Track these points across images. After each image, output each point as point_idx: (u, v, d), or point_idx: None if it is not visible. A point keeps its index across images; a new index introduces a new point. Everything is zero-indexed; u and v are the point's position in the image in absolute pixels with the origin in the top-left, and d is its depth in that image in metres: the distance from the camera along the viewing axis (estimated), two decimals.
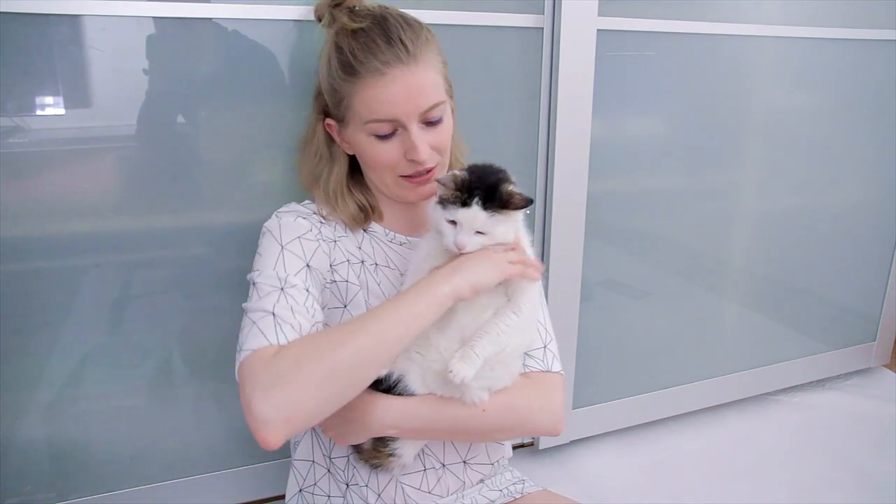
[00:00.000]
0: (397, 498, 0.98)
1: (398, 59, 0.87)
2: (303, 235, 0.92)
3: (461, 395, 0.89)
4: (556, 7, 1.30)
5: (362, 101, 0.89)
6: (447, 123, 0.95)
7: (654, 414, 1.75)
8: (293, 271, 0.87)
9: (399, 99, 0.88)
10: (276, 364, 0.75)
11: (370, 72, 0.87)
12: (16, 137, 1.04)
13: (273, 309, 0.82)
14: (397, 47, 0.88)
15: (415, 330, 0.80)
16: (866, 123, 1.81)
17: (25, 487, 1.20)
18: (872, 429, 1.81)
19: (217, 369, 1.27)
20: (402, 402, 0.88)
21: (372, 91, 0.88)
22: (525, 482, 1.08)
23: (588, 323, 1.57)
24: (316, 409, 0.76)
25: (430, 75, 0.90)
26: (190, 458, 1.30)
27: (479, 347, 0.85)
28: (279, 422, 0.72)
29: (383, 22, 0.90)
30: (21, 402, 1.16)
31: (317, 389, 0.74)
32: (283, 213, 0.97)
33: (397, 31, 0.89)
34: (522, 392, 0.93)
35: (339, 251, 0.97)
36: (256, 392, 0.73)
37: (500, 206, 0.83)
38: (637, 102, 1.52)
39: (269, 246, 0.91)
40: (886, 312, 2.02)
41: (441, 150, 0.94)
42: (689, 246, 1.70)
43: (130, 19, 1.05)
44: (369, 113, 0.89)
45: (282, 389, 0.73)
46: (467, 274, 0.83)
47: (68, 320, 1.15)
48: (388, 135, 0.91)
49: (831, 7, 1.64)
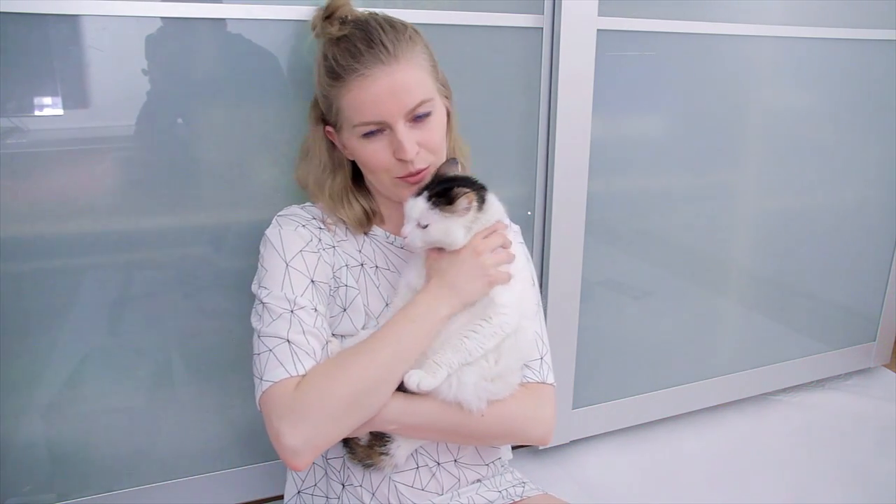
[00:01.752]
0: (391, 497, 0.98)
1: (378, 60, 0.89)
2: (304, 249, 0.95)
3: (460, 402, 0.90)
4: (556, 7, 1.30)
5: (348, 105, 0.91)
6: (437, 121, 0.95)
7: (654, 414, 1.75)
8: (300, 291, 0.91)
9: (382, 99, 0.89)
10: (298, 399, 0.83)
11: (352, 75, 0.89)
12: (15, 138, 1.04)
13: (287, 335, 0.88)
14: (377, 49, 0.89)
15: (419, 350, 0.89)
16: (866, 123, 1.80)
17: (25, 487, 1.20)
18: (872, 429, 1.81)
19: (217, 369, 1.27)
20: (405, 398, 0.90)
21: (356, 93, 0.90)
22: (526, 485, 1.08)
23: (588, 323, 1.57)
24: (339, 435, 0.86)
25: (414, 73, 0.91)
26: (190, 458, 1.30)
27: (442, 357, 0.89)
28: (308, 451, 0.83)
29: (365, 26, 0.92)
30: (21, 402, 1.16)
31: (338, 420, 0.84)
32: (283, 220, 0.98)
33: (378, 34, 0.90)
34: (519, 401, 0.95)
35: (339, 256, 0.99)
36: (283, 425, 0.82)
37: (445, 202, 0.88)
38: (637, 102, 1.52)
39: (273, 261, 0.93)
40: (886, 312, 2.02)
41: (432, 148, 0.95)
42: (689, 246, 1.70)
43: (130, 19, 1.05)
44: (356, 115, 0.91)
45: (307, 423, 0.82)
46: (460, 293, 0.90)
47: (68, 320, 1.15)
48: (377, 135, 0.92)
49: (831, 7, 1.63)
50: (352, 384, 0.84)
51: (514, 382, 0.94)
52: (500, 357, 0.91)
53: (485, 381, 0.90)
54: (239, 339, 1.26)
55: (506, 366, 0.92)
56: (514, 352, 0.93)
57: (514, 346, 0.93)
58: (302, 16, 1.12)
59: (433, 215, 0.89)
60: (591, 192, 1.46)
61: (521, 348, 0.95)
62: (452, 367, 0.89)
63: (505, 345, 0.91)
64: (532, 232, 1.45)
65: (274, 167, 1.20)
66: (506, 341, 0.91)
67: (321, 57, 0.95)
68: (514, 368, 0.94)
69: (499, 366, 0.91)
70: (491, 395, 0.91)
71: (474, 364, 0.90)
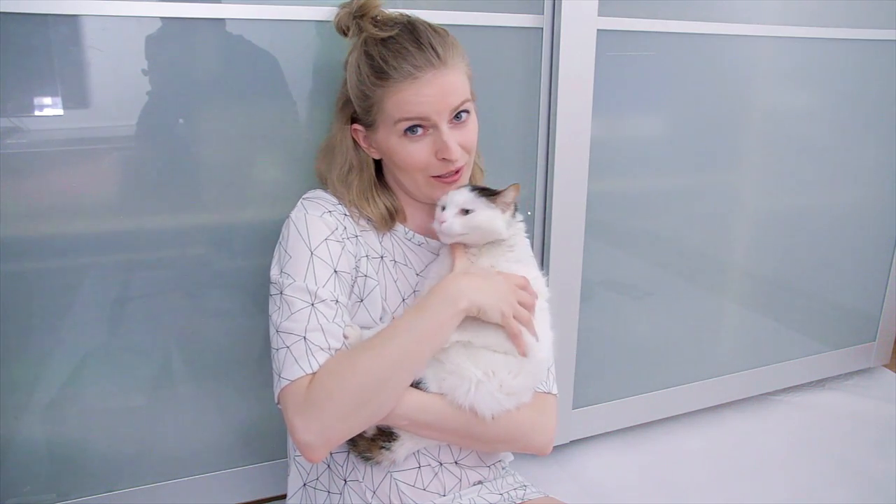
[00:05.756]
0: (392, 495, 0.98)
1: (430, 64, 0.92)
2: (329, 237, 0.95)
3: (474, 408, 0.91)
4: (556, 7, 1.30)
5: (395, 104, 0.93)
6: (473, 122, 0.99)
7: (654, 414, 1.75)
8: (322, 281, 0.91)
9: (431, 99, 0.92)
10: (310, 396, 0.85)
11: (403, 76, 0.91)
12: (15, 138, 1.04)
13: (305, 333, 0.88)
14: (428, 52, 0.92)
15: (433, 346, 0.89)
16: (866, 123, 1.80)
17: (25, 487, 1.20)
18: (872, 429, 1.81)
19: (217, 369, 1.27)
20: (419, 395, 0.91)
21: (405, 94, 0.92)
22: (527, 488, 1.08)
23: (588, 323, 1.57)
24: (351, 430, 0.88)
25: (459, 77, 0.95)
26: (190, 458, 1.30)
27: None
28: (321, 444, 0.85)
29: (413, 29, 0.95)
30: (21, 402, 1.16)
31: (348, 415, 0.85)
32: (309, 205, 0.98)
33: (427, 38, 0.93)
34: (525, 410, 0.96)
35: (361, 246, 1.00)
36: (297, 421, 0.85)
37: (491, 193, 0.94)
38: (637, 102, 1.52)
39: (297, 247, 0.93)
40: (886, 312, 2.02)
41: (469, 148, 0.98)
42: (689, 246, 1.70)
43: (130, 19, 1.05)
44: (401, 112, 0.93)
45: (318, 419, 0.84)
46: (481, 295, 0.90)
47: (68, 320, 1.15)
48: (418, 136, 0.94)
49: (831, 7, 1.63)
50: (361, 380, 0.85)
51: (525, 399, 0.96)
52: (519, 374, 0.93)
53: (500, 394, 0.92)
54: (239, 339, 1.26)
55: (523, 384, 0.94)
56: (533, 376, 0.96)
57: (534, 370, 0.96)
58: (302, 16, 1.12)
59: (479, 202, 0.93)
60: (591, 192, 1.46)
61: (539, 371, 0.98)
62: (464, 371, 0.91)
63: (527, 366, 0.94)
64: (532, 232, 1.45)
65: (274, 167, 1.20)
66: (528, 363, 0.94)
67: (363, 56, 0.95)
68: (530, 387, 0.97)
69: (516, 381, 0.93)
70: (503, 408, 0.93)
71: (495, 375, 0.92)
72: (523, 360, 0.93)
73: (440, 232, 0.94)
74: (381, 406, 0.87)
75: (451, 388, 0.91)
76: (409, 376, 0.89)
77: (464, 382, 0.90)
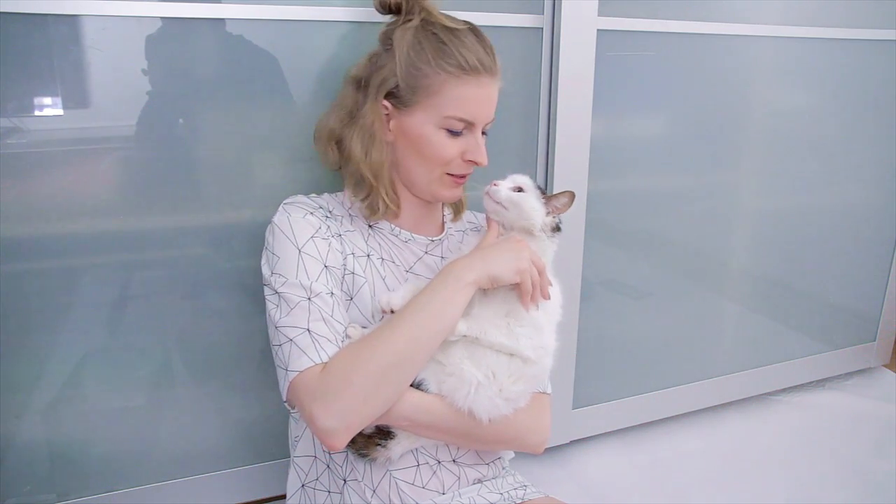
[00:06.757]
0: (392, 494, 0.98)
1: (492, 71, 0.95)
2: (314, 235, 0.95)
3: (472, 411, 0.92)
4: (556, 7, 1.30)
5: (452, 96, 0.94)
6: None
7: (654, 414, 1.75)
8: (314, 276, 0.91)
9: (483, 103, 0.96)
10: (326, 381, 0.84)
11: (469, 71, 0.93)
12: (15, 138, 1.04)
13: (307, 325, 0.88)
14: (493, 57, 0.96)
15: (446, 324, 0.88)
16: (866, 123, 1.80)
17: (25, 487, 1.20)
18: (872, 429, 1.81)
19: (217, 369, 1.27)
20: (420, 396, 0.92)
21: (465, 90, 0.93)
22: (527, 487, 1.08)
23: (588, 323, 1.57)
24: (371, 413, 0.86)
25: (497, 91, 0.98)
26: (190, 458, 1.30)
27: None
28: (342, 429, 0.84)
29: (477, 31, 0.97)
30: (21, 402, 1.16)
31: (367, 397, 0.84)
32: (290, 208, 0.98)
33: (491, 47, 0.97)
34: (521, 412, 0.97)
35: (346, 244, 0.99)
36: (315, 408, 0.83)
37: (542, 191, 0.98)
38: (637, 102, 1.52)
39: (285, 248, 0.93)
40: (886, 312, 2.02)
41: None
42: (688, 246, 1.70)
43: (130, 19, 1.05)
44: (452, 108, 0.94)
45: (337, 403, 0.83)
46: (489, 264, 0.90)
47: (68, 320, 1.15)
48: (458, 133, 0.96)
49: (831, 7, 1.64)
50: (380, 357, 0.85)
51: (522, 405, 0.97)
52: (519, 379, 0.94)
53: (499, 399, 0.93)
54: (239, 339, 1.26)
55: (522, 391, 0.95)
56: (533, 382, 0.97)
57: (535, 375, 0.97)
58: (302, 16, 1.12)
59: (533, 191, 0.96)
60: (591, 191, 1.46)
61: (539, 378, 0.99)
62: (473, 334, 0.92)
63: (528, 372, 0.95)
64: None
65: (274, 167, 1.20)
66: (530, 368, 0.95)
67: (426, 35, 0.94)
68: (527, 394, 0.97)
69: (516, 387, 0.94)
70: (500, 413, 0.94)
71: (496, 378, 0.93)
72: (525, 365, 0.94)
73: (487, 191, 0.96)
74: (399, 386, 0.87)
75: (450, 391, 0.92)
76: (426, 356, 0.89)
77: (464, 385, 0.91)
